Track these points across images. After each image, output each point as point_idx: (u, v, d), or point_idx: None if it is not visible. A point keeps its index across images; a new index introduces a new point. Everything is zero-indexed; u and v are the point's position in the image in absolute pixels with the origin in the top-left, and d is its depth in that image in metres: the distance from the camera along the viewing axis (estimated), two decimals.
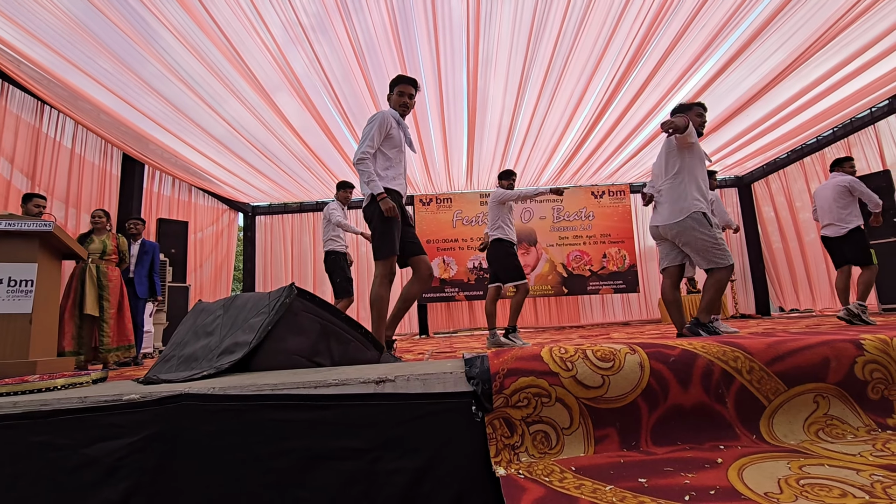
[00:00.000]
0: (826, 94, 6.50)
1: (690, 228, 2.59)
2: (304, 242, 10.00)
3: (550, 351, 1.01)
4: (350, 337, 1.50)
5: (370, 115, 6.22)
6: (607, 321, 9.77)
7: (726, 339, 0.99)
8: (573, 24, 4.91)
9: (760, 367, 0.93)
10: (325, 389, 0.98)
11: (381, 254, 2.49)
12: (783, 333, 1.12)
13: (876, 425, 0.91)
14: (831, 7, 4.87)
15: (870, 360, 0.93)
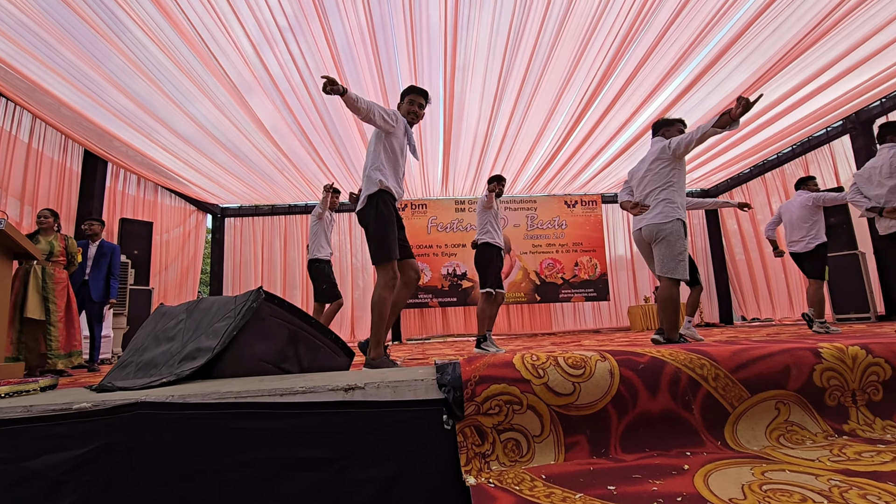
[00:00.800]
0: (785, 112, 6.81)
1: (670, 232, 2.71)
2: (274, 246, 9.80)
3: (522, 358, 1.01)
4: (320, 343, 1.46)
5: (345, 118, 6.24)
6: (578, 329, 9.92)
7: (693, 347, 1.01)
8: (548, 36, 5.00)
9: (725, 375, 0.95)
10: (291, 397, 0.95)
11: (380, 258, 2.43)
12: (746, 342, 1.15)
13: (833, 431, 0.94)
14: (790, 31, 5.11)
15: (827, 367, 0.96)
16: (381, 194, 2.51)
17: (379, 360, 2.38)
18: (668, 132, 3.01)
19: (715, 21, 4.94)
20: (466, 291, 9.53)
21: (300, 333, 1.42)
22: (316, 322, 1.47)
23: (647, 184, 2.91)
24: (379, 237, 2.43)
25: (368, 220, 2.49)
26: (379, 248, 2.43)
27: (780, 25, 5.01)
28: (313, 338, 1.45)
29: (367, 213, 2.50)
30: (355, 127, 6.52)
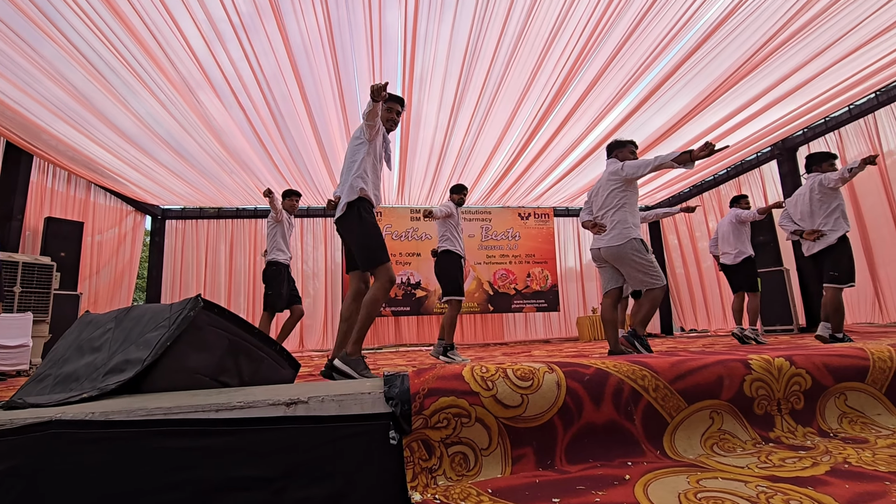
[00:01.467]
0: (721, 137, 7.31)
1: (629, 253, 2.83)
2: (219, 251, 9.38)
3: (472, 370, 1.00)
4: (263, 354, 1.40)
5: (300, 122, 6.09)
6: (529, 338, 10.10)
7: (635, 358, 1.04)
8: (504, 52, 5.12)
9: (665, 385, 0.99)
10: (227, 413, 0.89)
11: (375, 262, 2.41)
12: (684, 353, 1.20)
13: (760, 438, 1.00)
14: (725, 63, 5.51)
15: (756, 378, 1.02)
16: (361, 202, 2.50)
17: (354, 359, 2.36)
18: (621, 153, 3.15)
19: (660, 49, 5.25)
20: (420, 301, 9.49)
21: (241, 344, 1.35)
22: (259, 332, 1.40)
23: (602, 204, 3.04)
24: (370, 243, 2.43)
25: (352, 227, 2.47)
26: (373, 252, 2.42)
27: (717, 56, 5.38)
28: (256, 349, 1.38)
29: (350, 220, 2.48)
30: (311, 131, 6.39)
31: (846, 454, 0.91)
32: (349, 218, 2.49)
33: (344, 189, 2.55)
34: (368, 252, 2.44)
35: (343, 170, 2.66)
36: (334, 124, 6.27)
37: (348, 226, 2.50)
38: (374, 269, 2.43)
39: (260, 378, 1.37)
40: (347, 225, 2.51)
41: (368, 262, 2.44)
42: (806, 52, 5.36)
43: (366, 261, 2.44)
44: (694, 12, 4.74)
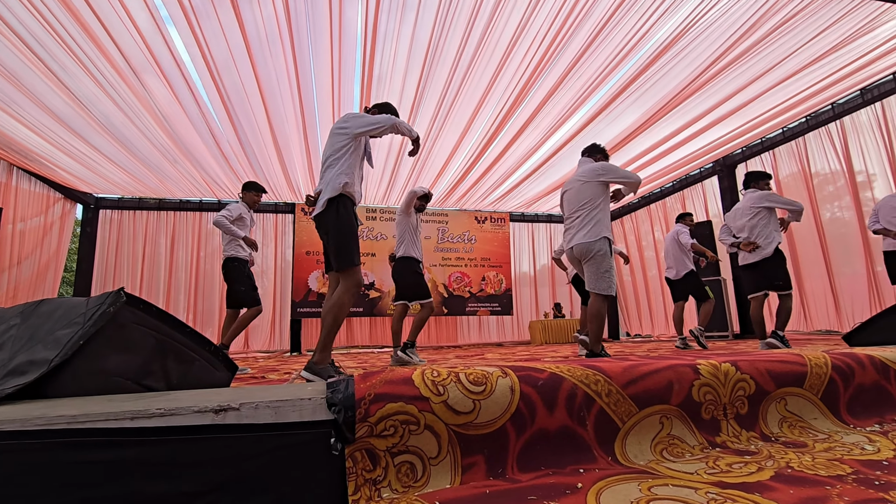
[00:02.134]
0: (668, 152, 7.67)
1: (598, 251, 2.89)
2: (159, 244, 8.83)
3: (423, 374, 0.95)
4: (194, 355, 1.28)
5: (253, 112, 5.82)
6: (482, 341, 10.16)
7: (588, 363, 1.03)
8: (467, 57, 5.13)
9: (617, 391, 0.97)
10: (145, 421, 0.78)
11: (346, 263, 2.35)
12: (635, 357, 1.20)
13: (707, 443, 1.01)
14: (672, 83, 5.80)
15: (704, 383, 1.03)
16: (343, 199, 2.44)
17: (321, 367, 2.25)
18: (599, 156, 3.26)
19: (614, 65, 5.45)
20: (374, 301, 9.33)
21: (170, 344, 1.22)
22: (192, 331, 1.29)
23: (574, 203, 3.09)
24: (344, 243, 2.37)
25: (330, 224, 2.40)
26: (346, 253, 2.36)
27: (665, 75, 5.65)
28: (186, 349, 1.26)
29: (329, 217, 2.40)
30: (265, 124, 6.13)
31: (788, 458, 0.93)
32: (328, 214, 2.41)
33: (325, 185, 2.46)
34: (341, 252, 2.37)
35: (324, 165, 2.56)
36: (290, 118, 6.05)
37: (326, 222, 2.42)
38: (343, 270, 2.36)
39: (190, 381, 1.25)
40: (325, 221, 2.43)
41: (339, 263, 2.37)
42: (745, 77, 5.72)
43: (337, 260, 2.37)
44: (646, 32, 4.95)
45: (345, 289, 2.35)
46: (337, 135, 2.57)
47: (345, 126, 2.58)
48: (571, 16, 4.71)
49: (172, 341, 1.23)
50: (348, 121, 2.60)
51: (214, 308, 8.84)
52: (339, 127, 2.60)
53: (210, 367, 1.33)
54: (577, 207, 3.08)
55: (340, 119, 2.66)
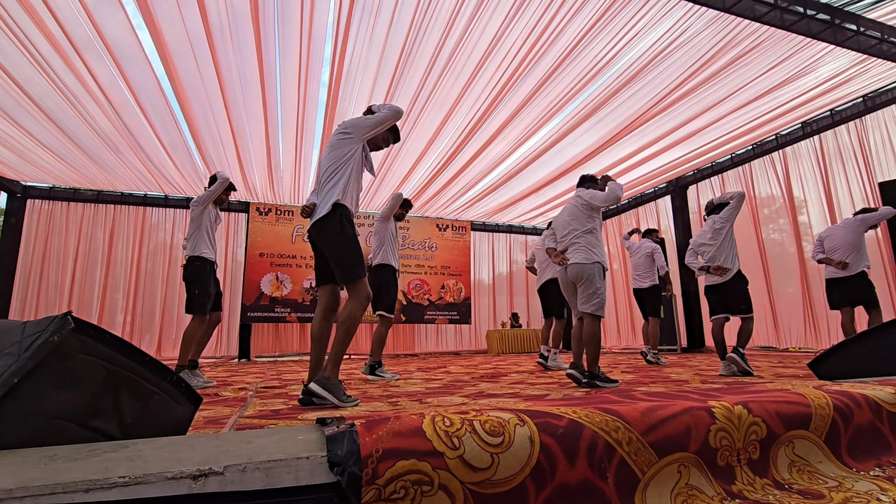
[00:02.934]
0: (626, 171, 7.94)
1: (591, 273, 2.95)
2: (96, 239, 8.15)
3: (434, 423, 0.84)
4: (153, 388, 1.10)
5: (210, 104, 5.47)
6: (440, 350, 10.07)
7: (606, 407, 0.96)
8: (441, 63, 5.07)
9: (637, 438, 0.92)
10: (105, 494, 0.63)
11: (353, 276, 2.27)
12: (642, 395, 1.16)
13: (725, 493, 0.97)
14: (633, 107, 6.03)
15: (720, 427, 0.99)
16: (342, 208, 2.35)
17: (332, 384, 2.16)
18: (593, 187, 3.33)
19: (579, 86, 5.62)
20: None
21: (124, 376, 1.05)
22: (151, 360, 1.11)
23: (566, 227, 3.18)
24: (350, 255, 2.29)
25: (331, 234, 2.30)
26: (352, 266, 2.28)
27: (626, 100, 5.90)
28: (143, 381, 1.09)
29: (330, 227, 2.30)
30: (223, 116, 5.77)
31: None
32: (330, 224, 2.30)
33: (328, 192, 2.35)
34: (348, 264, 2.27)
35: (325, 172, 2.43)
36: (251, 113, 5.74)
37: (325, 232, 2.32)
38: (350, 283, 2.28)
39: (148, 419, 1.08)
40: (327, 231, 2.31)
41: (346, 276, 2.28)
42: (700, 106, 6.05)
43: (344, 274, 2.28)
44: (611, 58, 5.13)
45: (356, 302, 2.27)
46: (340, 142, 2.45)
47: (348, 132, 2.47)
48: (544, 35, 4.79)
49: (127, 372, 1.06)
50: (350, 126, 2.49)
51: (156, 310, 8.24)
52: (341, 134, 2.49)
53: (171, 401, 1.16)
54: (568, 231, 3.17)
55: (340, 126, 2.55)
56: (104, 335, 1.02)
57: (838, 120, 6.11)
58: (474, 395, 2.48)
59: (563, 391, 2.61)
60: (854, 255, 4.14)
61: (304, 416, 1.87)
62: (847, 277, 4.15)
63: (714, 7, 4.15)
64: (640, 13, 4.50)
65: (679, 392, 1.20)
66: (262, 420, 1.78)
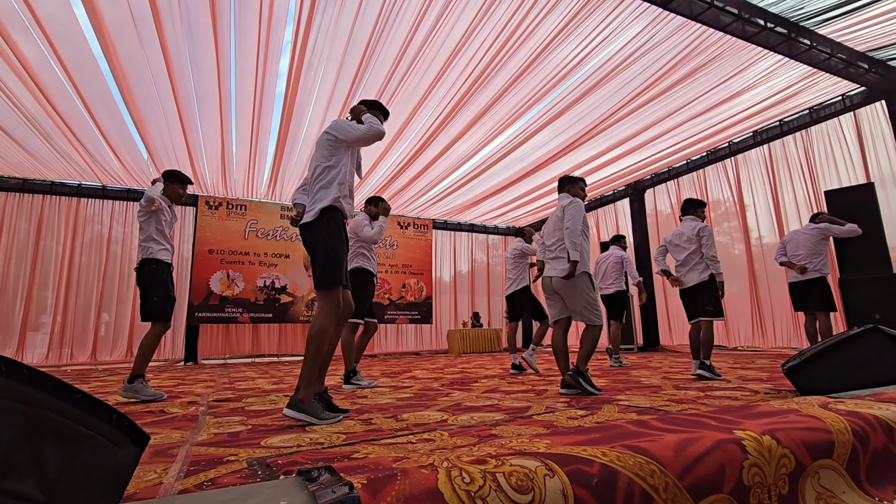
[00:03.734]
0: (586, 174, 8.04)
1: (579, 286, 2.90)
2: (19, 231, 7.37)
3: (451, 480, 0.70)
4: (85, 431, 0.89)
5: (156, 87, 5.03)
6: (400, 350, 9.88)
7: (635, 445, 0.85)
8: (409, 58, 4.89)
9: (674, 483, 0.81)
10: None
11: (326, 283, 2.17)
12: (657, 422, 1.06)
13: None
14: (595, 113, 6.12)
15: (753, 463, 0.90)
16: (333, 211, 2.26)
17: (306, 404, 2.02)
18: (573, 189, 3.21)
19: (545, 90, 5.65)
20: (285, 307, 8.63)
21: (48, 419, 0.83)
22: (83, 396, 0.90)
23: (553, 234, 3.08)
24: (329, 260, 2.18)
25: (317, 237, 2.21)
26: (328, 271, 2.18)
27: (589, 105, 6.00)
28: (73, 423, 0.87)
29: (317, 229, 2.22)
30: (172, 105, 5.32)
31: None
32: (318, 225, 2.22)
33: (320, 194, 2.27)
34: (325, 270, 2.19)
35: (315, 174, 2.34)
36: (204, 100, 5.32)
37: (313, 235, 2.23)
38: (323, 289, 2.17)
39: (79, 471, 0.87)
40: (312, 234, 2.24)
41: (321, 281, 2.18)
42: (658, 114, 6.23)
43: (319, 277, 2.19)
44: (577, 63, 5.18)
45: (325, 312, 2.16)
46: (328, 143, 2.35)
47: (335, 134, 2.35)
48: (512, 38, 4.75)
49: (52, 414, 0.84)
50: (336, 129, 2.36)
51: (90, 308, 7.57)
52: (330, 135, 2.36)
53: (109, 446, 0.94)
54: (556, 239, 3.08)
55: (330, 126, 2.40)
56: (20, 369, 0.80)
57: (786, 130, 6.43)
58: (451, 408, 2.34)
59: (544, 402, 2.53)
60: (814, 260, 4.31)
61: (267, 441, 1.67)
62: (806, 281, 4.33)
63: (682, 14, 4.20)
64: (608, 18, 4.52)
65: (693, 417, 1.11)
66: (220, 449, 1.56)
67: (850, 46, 4.88)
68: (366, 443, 1.56)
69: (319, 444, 1.57)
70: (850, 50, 4.90)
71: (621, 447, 0.84)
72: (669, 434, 0.93)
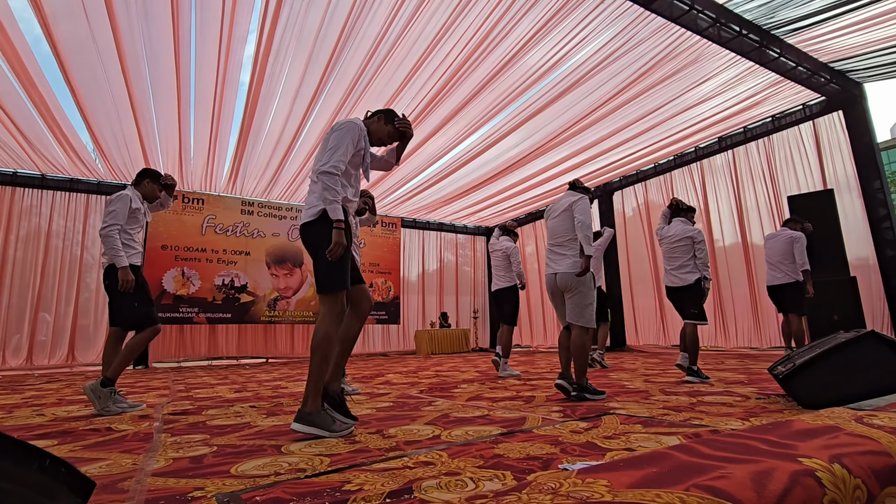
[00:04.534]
0: (556, 176, 8.11)
1: (581, 283, 2.86)
2: None
3: None
4: (6, 486, 0.67)
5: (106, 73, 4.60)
6: (367, 351, 9.59)
7: (711, 484, 0.71)
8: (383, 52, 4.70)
9: None
10: None
11: (329, 286, 2.06)
12: (706, 449, 0.94)
13: None
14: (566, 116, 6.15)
15: (831, 499, 0.79)
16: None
17: (316, 416, 1.90)
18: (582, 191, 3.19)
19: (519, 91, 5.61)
20: (245, 307, 8.19)
21: None
22: (6, 441, 0.67)
23: (560, 233, 3.01)
24: (333, 263, 2.05)
25: (319, 238, 2.07)
26: (331, 275, 2.06)
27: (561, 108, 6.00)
28: None
29: (320, 229, 2.08)
30: (123, 88, 4.88)
31: None
32: (318, 226, 2.08)
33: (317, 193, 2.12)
34: (329, 273, 2.05)
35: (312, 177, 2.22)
36: (160, 88, 4.91)
37: (314, 235, 2.10)
38: (328, 293, 2.06)
39: None
40: (313, 234, 2.10)
41: (325, 284, 2.06)
42: (627, 119, 6.30)
43: (323, 281, 2.07)
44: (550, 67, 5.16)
45: (329, 318, 2.03)
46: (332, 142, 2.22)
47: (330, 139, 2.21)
48: (487, 39, 4.68)
49: None
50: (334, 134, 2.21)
51: (26, 306, 6.89)
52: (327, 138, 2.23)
53: (39, 499, 0.72)
54: (559, 235, 3.03)
55: (335, 126, 2.24)
56: None
57: (750, 137, 6.63)
58: (440, 420, 2.17)
59: (537, 411, 2.40)
60: (787, 265, 4.40)
61: (238, 467, 1.44)
62: (779, 285, 4.42)
63: (662, 15, 4.20)
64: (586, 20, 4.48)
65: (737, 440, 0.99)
66: (181, 480, 1.32)
67: (815, 57, 5.04)
68: (355, 469, 1.36)
69: (301, 471, 1.36)
70: (815, 60, 5.07)
71: (696, 490, 0.70)
72: (736, 467, 0.81)
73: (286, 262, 8.70)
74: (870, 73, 5.22)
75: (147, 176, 3.18)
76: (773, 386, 2.88)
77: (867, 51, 4.81)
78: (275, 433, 1.98)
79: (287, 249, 8.73)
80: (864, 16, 4.17)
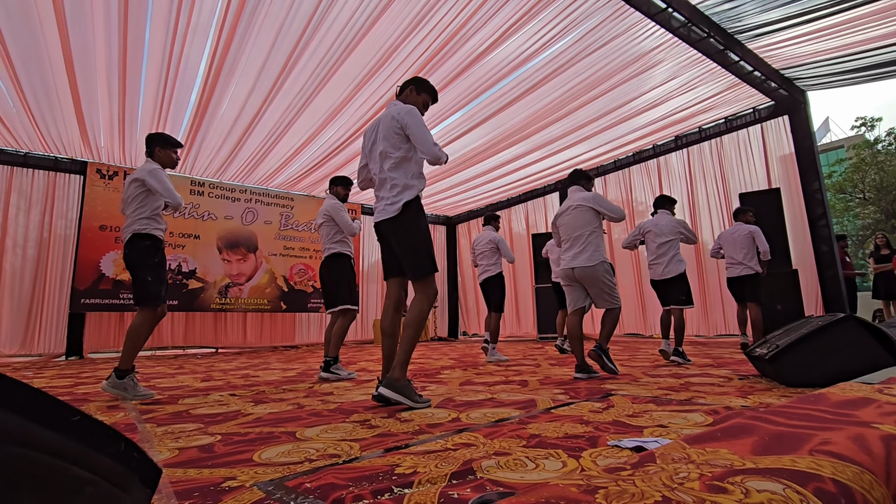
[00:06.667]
0: (521, 167, 8.20)
1: (600, 274, 3.14)
2: None
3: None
4: (86, 473, 0.55)
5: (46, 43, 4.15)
6: (322, 342, 9.31)
7: (828, 448, 0.72)
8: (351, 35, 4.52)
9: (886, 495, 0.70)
10: None
11: (427, 271, 2.26)
12: (775, 417, 0.96)
13: None
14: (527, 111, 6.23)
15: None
16: (418, 201, 2.32)
17: (402, 384, 2.10)
18: (588, 184, 3.47)
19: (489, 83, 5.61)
20: (194, 293, 7.69)
21: (30, 459, 0.49)
22: (82, 418, 0.56)
23: (570, 228, 3.26)
24: (426, 249, 2.27)
25: (407, 228, 2.25)
26: (427, 260, 2.26)
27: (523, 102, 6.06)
28: (66, 463, 0.53)
29: (407, 220, 2.26)
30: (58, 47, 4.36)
31: None
32: (406, 217, 2.25)
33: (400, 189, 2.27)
34: (422, 259, 2.25)
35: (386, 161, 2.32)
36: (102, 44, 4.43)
37: (403, 226, 2.26)
38: (424, 278, 2.25)
39: None
40: (402, 225, 2.26)
41: (419, 271, 2.25)
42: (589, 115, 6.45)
43: (417, 268, 2.25)
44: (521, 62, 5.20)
45: (425, 297, 2.25)
46: (398, 133, 2.31)
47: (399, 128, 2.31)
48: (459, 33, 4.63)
49: (34, 453, 0.50)
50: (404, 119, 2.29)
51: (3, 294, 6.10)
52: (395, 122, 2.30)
53: (113, 491, 0.60)
54: (572, 231, 3.24)
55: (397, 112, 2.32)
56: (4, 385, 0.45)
57: (704, 137, 7.01)
58: (449, 404, 2.13)
59: (541, 394, 2.40)
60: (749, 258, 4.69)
61: (261, 454, 1.32)
62: (739, 277, 4.71)
63: (640, 11, 4.30)
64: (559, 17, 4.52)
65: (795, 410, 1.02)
66: (202, 470, 1.19)
67: (769, 63, 5.38)
68: (395, 452, 1.29)
69: (335, 457, 1.27)
70: (768, 66, 5.41)
71: (819, 455, 0.71)
72: (829, 434, 0.82)
73: (240, 246, 8.25)
74: (814, 80, 5.65)
75: (156, 143, 2.89)
76: (744, 368, 3.07)
77: (814, 60, 5.20)
78: (276, 420, 1.85)
79: (240, 233, 8.28)
80: (818, 26, 4.49)
